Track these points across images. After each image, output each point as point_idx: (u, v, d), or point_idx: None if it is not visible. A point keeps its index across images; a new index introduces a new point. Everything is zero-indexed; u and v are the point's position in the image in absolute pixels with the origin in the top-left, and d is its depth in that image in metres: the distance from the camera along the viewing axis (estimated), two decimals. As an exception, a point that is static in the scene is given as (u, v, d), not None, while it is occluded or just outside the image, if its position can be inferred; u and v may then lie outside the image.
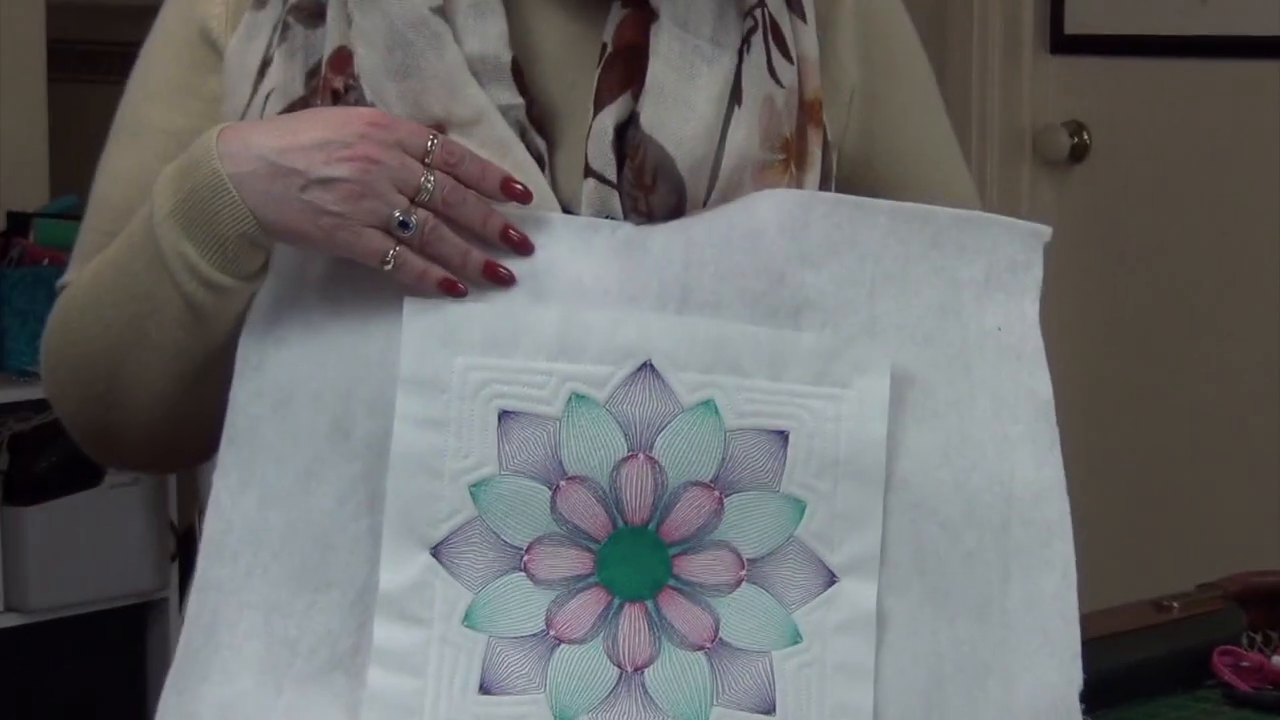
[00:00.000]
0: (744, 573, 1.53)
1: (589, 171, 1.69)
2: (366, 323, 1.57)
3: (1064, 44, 4.32)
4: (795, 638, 1.52)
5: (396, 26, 1.71)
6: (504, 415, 1.53)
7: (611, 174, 1.69)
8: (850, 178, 1.82)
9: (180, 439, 1.80)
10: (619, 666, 1.52)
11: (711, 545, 1.53)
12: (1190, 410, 4.09)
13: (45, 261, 4.13)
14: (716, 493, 1.53)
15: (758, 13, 1.77)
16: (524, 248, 1.57)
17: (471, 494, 1.52)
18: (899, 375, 1.56)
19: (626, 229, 1.62)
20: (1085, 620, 1.96)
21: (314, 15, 1.75)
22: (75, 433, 1.82)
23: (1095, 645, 1.92)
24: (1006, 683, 1.55)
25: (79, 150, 3.36)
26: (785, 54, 1.78)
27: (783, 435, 1.53)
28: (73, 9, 4.48)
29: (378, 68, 1.71)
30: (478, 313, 1.56)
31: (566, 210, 1.69)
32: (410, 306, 1.55)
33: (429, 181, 1.55)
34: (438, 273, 1.57)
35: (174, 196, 1.63)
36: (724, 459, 1.53)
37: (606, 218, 1.69)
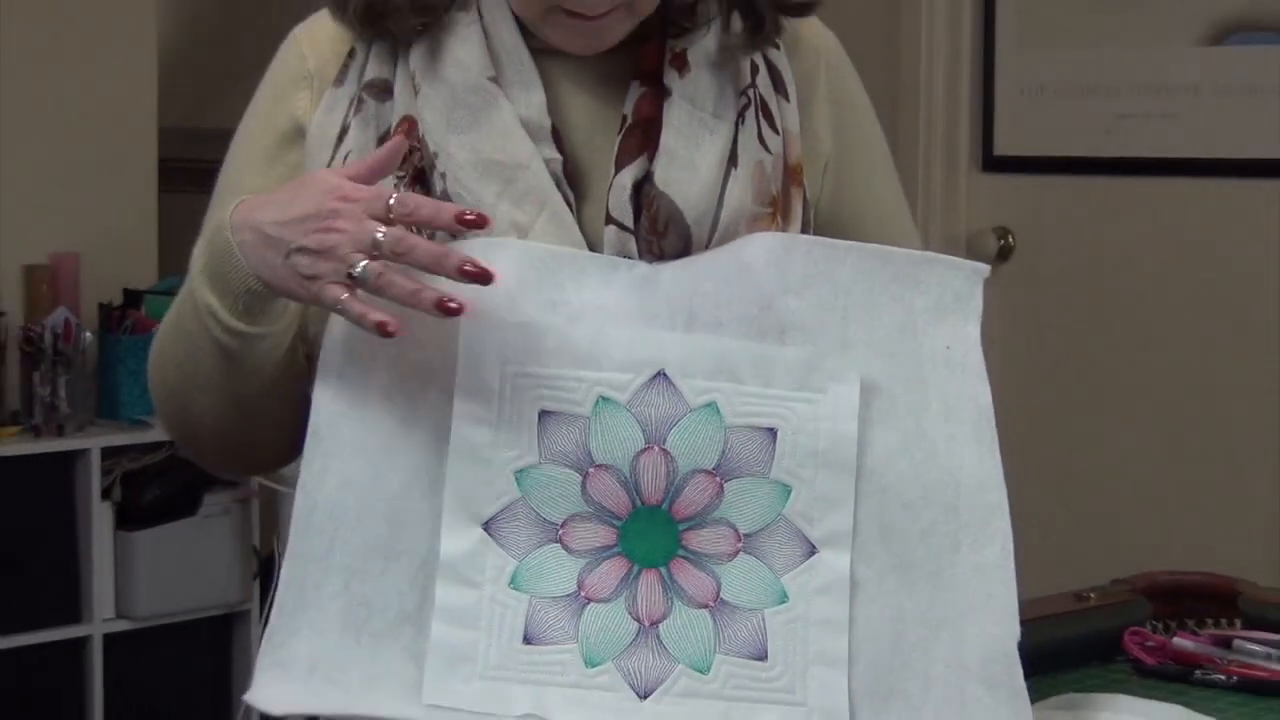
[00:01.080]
0: (740, 545, 1.55)
1: (610, 220, 1.70)
2: (429, 338, 1.57)
3: (993, 163, 4.29)
4: (783, 598, 1.54)
5: (458, 92, 1.73)
6: (543, 414, 1.55)
7: (629, 222, 1.70)
8: (823, 229, 1.81)
9: (244, 452, 1.83)
10: (638, 621, 1.54)
11: (714, 522, 1.55)
12: (1103, 448, 4.07)
13: (154, 330, 4.13)
14: (718, 479, 1.55)
15: (750, 92, 1.78)
16: (483, 278, 1.54)
17: (516, 479, 1.55)
18: (866, 384, 1.58)
19: (643, 266, 1.64)
20: (1032, 606, 1.97)
21: (383, 91, 1.76)
22: (172, 437, 1.87)
23: (1028, 627, 1.92)
24: (957, 634, 1.56)
25: (182, 241, 3.38)
26: (773, 127, 1.79)
27: (772, 432, 1.55)
28: (180, 131, 4.48)
29: (441, 125, 1.72)
30: (523, 330, 1.57)
31: (593, 249, 1.70)
32: (466, 324, 1.56)
33: (382, 236, 1.53)
34: (373, 315, 1.54)
35: (203, 258, 1.65)
36: (724, 451, 1.55)
37: (619, 252, 1.71)
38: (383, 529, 1.57)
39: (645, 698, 1.53)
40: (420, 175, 1.72)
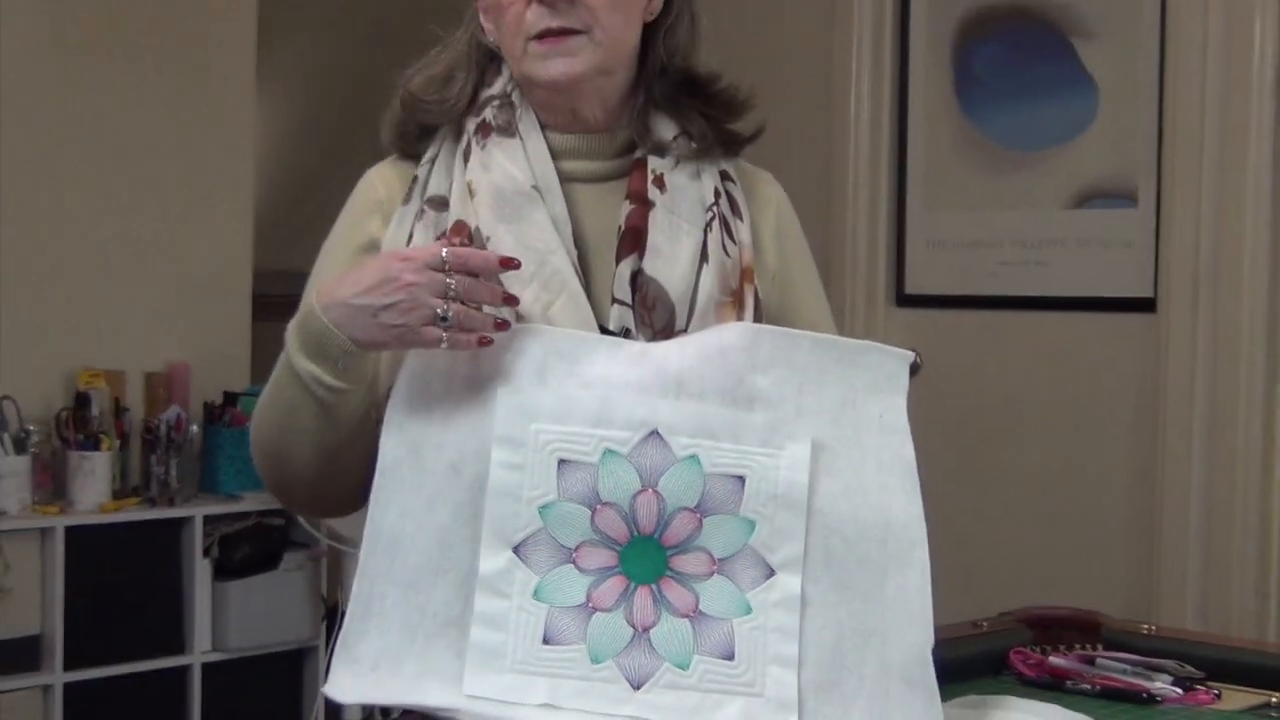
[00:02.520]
0: (715, 567, 1.56)
1: (615, 300, 1.74)
2: (472, 400, 1.61)
3: (905, 300, 4.29)
4: (748, 610, 1.55)
5: (506, 194, 1.78)
6: (561, 462, 1.57)
7: (629, 300, 1.74)
8: (773, 324, 1.81)
9: (327, 495, 1.82)
10: (633, 627, 1.55)
11: (695, 549, 1.56)
12: (992, 516, 4.06)
13: (246, 424, 4.12)
14: (698, 515, 1.56)
15: (714, 208, 1.82)
16: (513, 302, 1.62)
17: (540, 513, 1.56)
18: (816, 443, 1.59)
19: (641, 344, 1.66)
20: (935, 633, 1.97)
21: (441, 204, 1.80)
22: (268, 488, 1.85)
23: (936, 646, 1.94)
24: (884, 642, 1.57)
25: (271, 357, 3.38)
26: (731, 238, 1.83)
27: (741, 479, 1.57)
28: (271, 271, 4.49)
29: (491, 218, 1.76)
30: (547, 396, 1.59)
31: (600, 322, 1.73)
32: (503, 390, 1.59)
33: (452, 284, 1.58)
34: (472, 340, 1.60)
35: (298, 339, 1.67)
36: (704, 493, 1.56)
37: (625, 330, 1.73)
38: (434, 551, 1.58)
39: (638, 689, 1.54)
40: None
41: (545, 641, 1.55)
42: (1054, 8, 4.07)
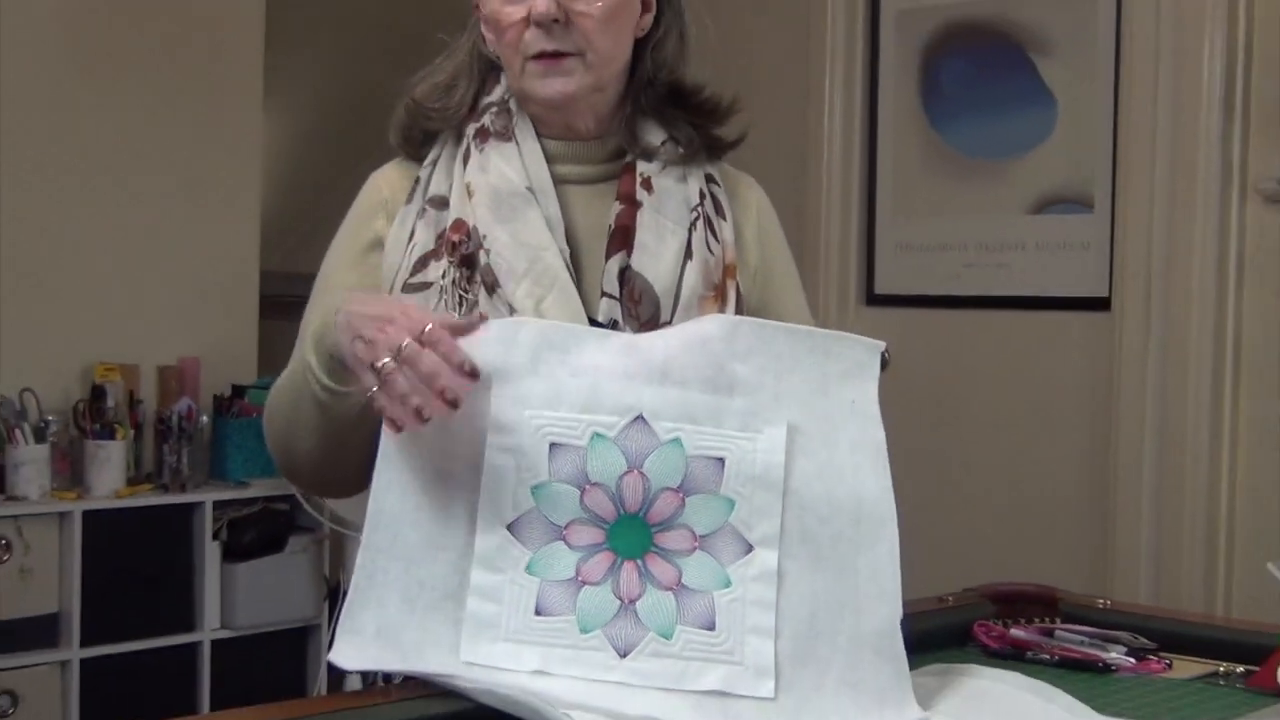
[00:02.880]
0: (697, 543, 1.56)
1: (604, 293, 1.75)
2: (473, 390, 1.57)
3: (875, 300, 4.31)
4: (727, 583, 1.55)
5: (503, 195, 1.78)
6: (552, 445, 1.56)
7: (616, 294, 1.75)
8: (755, 316, 1.84)
9: (332, 478, 1.84)
10: (620, 600, 1.54)
11: (678, 526, 1.56)
12: (958, 499, 4.07)
13: (253, 414, 4.12)
14: (681, 494, 1.56)
15: (699, 209, 1.83)
16: (452, 405, 1.52)
17: (532, 493, 1.56)
18: (791, 427, 1.59)
19: (628, 336, 1.66)
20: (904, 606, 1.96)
21: (441, 204, 1.81)
22: (279, 469, 1.86)
23: (905, 619, 1.93)
24: (857, 613, 1.57)
25: (276, 352, 3.36)
26: (715, 237, 1.84)
27: (721, 460, 1.57)
28: (277, 274, 4.49)
29: (489, 217, 1.77)
30: (539, 383, 1.57)
31: (589, 314, 1.75)
32: (498, 379, 1.57)
33: (407, 347, 1.52)
34: (389, 412, 1.54)
35: (314, 329, 1.68)
36: (686, 474, 1.56)
37: (613, 322, 1.73)
38: (433, 528, 1.57)
39: (624, 657, 1.53)
40: (466, 260, 1.76)
41: (537, 613, 1.54)
42: (1015, 26, 4.08)
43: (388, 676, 1.66)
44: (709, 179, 1.88)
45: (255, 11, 4.37)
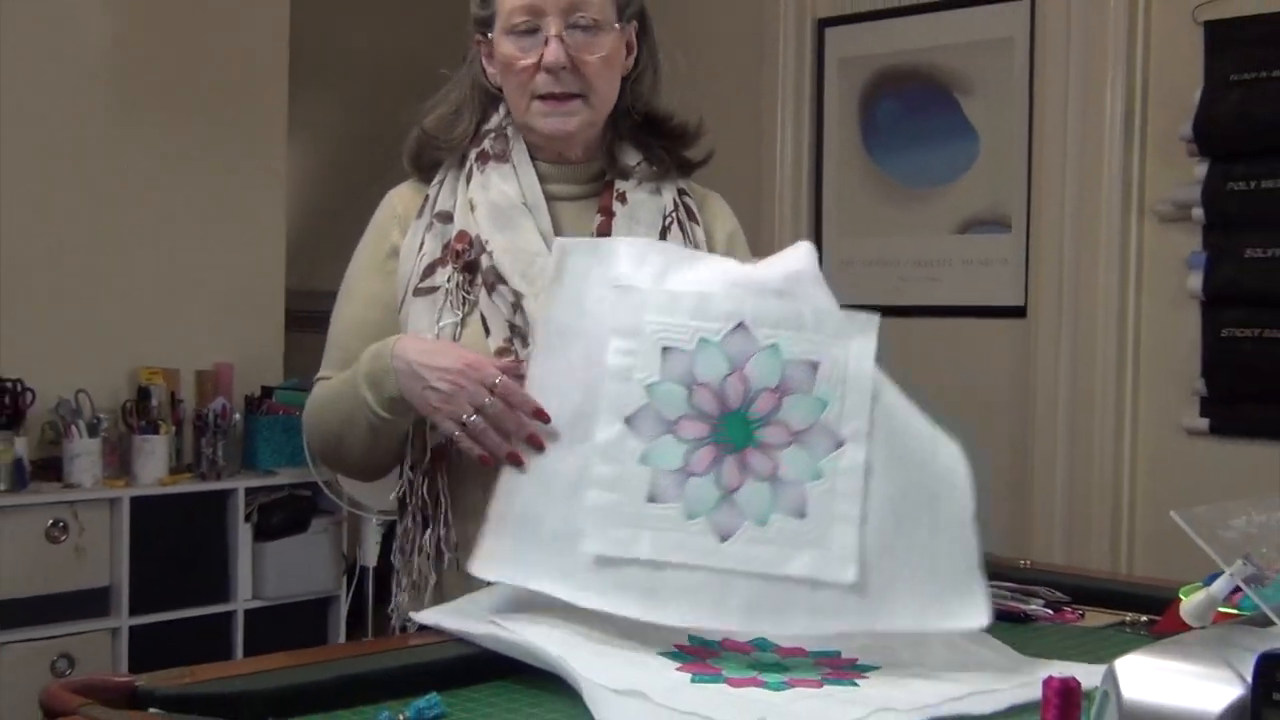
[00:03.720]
0: (792, 438, 1.53)
1: None
2: (602, 295, 1.58)
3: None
4: (819, 475, 1.53)
5: (501, 209, 1.78)
6: (665, 349, 1.54)
7: None
8: None
9: (377, 469, 1.84)
10: (721, 489, 1.52)
11: (775, 422, 1.53)
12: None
13: (280, 412, 4.13)
14: (779, 394, 1.53)
15: (671, 216, 1.85)
16: (536, 442, 1.57)
17: (647, 390, 1.54)
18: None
19: (731, 261, 1.65)
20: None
21: (447, 219, 1.81)
22: (320, 460, 1.86)
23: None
24: (934, 505, 1.56)
25: (299, 359, 3.35)
26: (688, 237, 1.85)
27: (815, 364, 1.54)
28: (300, 291, 4.49)
29: (489, 228, 1.77)
30: (655, 293, 1.57)
31: None
32: (621, 291, 1.57)
33: (489, 404, 1.58)
34: (476, 451, 1.60)
35: (367, 368, 1.69)
36: (783, 375, 1.53)
37: None
38: (568, 423, 1.57)
39: (724, 541, 1.51)
40: (468, 265, 1.76)
41: (649, 500, 1.52)
42: (942, 71, 4.10)
43: (404, 626, 1.65)
44: (680, 192, 1.89)
45: (279, 55, 4.36)
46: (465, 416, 1.59)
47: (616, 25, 1.80)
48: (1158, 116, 3.66)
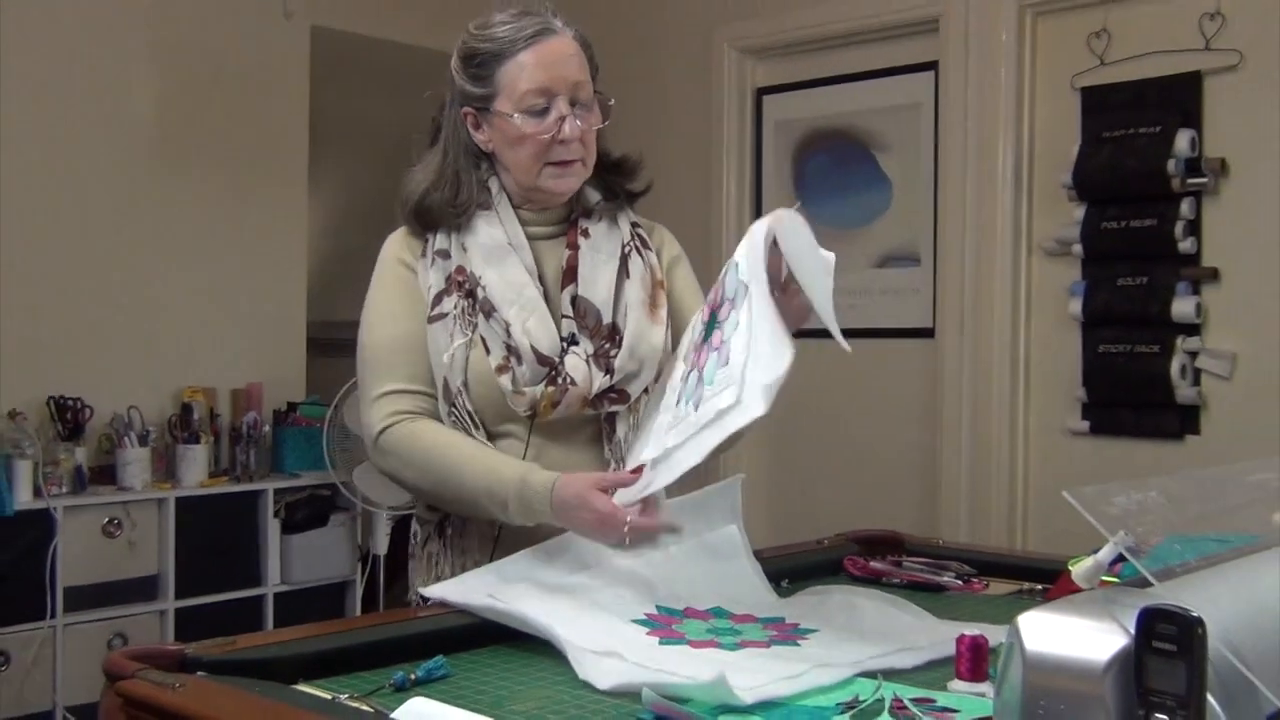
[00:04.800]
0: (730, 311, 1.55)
1: (564, 315, 1.76)
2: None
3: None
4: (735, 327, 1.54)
5: (490, 250, 1.77)
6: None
7: (572, 315, 1.76)
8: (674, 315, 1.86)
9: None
10: (697, 374, 1.55)
11: (728, 311, 1.56)
12: (830, 476, 4.08)
13: (303, 424, 4.09)
14: (732, 304, 1.56)
15: (628, 245, 1.85)
16: (676, 529, 1.62)
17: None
18: None
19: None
20: (789, 549, 1.97)
21: (445, 255, 1.79)
22: (407, 489, 1.79)
23: (792, 557, 1.94)
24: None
25: (320, 379, 3.33)
26: (644, 262, 1.85)
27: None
28: (319, 321, 4.46)
29: (481, 264, 1.76)
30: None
31: (557, 329, 1.75)
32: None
33: (627, 536, 1.55)
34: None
35: (516, 507, 1.65)
36: (736, 290, 1.55)
37: (571, 335, 1.75)
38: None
39: (696, 408, 1.52)
40: (469, 293, 1.75)
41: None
42: (862, 131, 4.12)
43: (424, 600, 1.62)
44: (634, 225, 1.89)
45: (301, 122, 4.35)
46: (616, 544, 1.59)
47: (597, 93, 1.79)
48: (1042, 168, 3.69)
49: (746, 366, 1.46)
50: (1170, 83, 3.41)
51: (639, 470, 1.57)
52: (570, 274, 1.79)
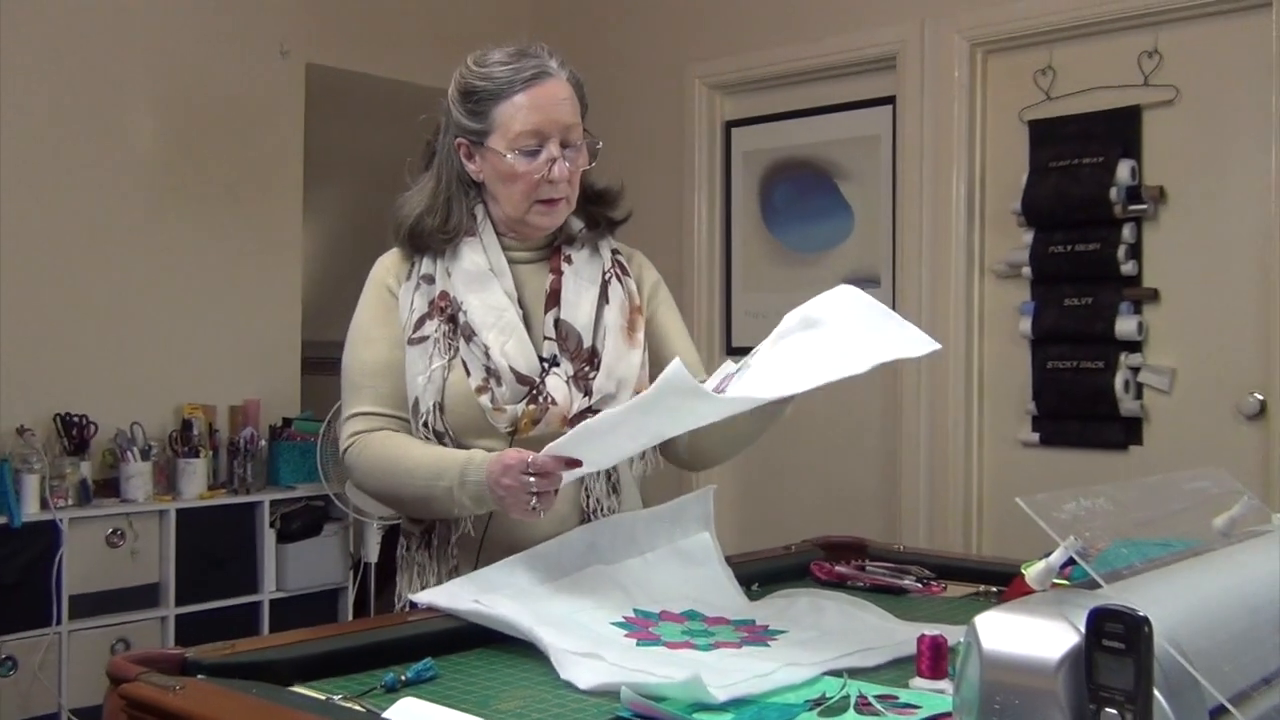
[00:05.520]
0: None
1: (545, 338, 1.75)
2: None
3: (733, 350, 4.31)
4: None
5: (473, 275, 1.76)
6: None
7: (554, 337, 1.74)
8: (651, 340, 1.85)
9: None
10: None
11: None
12: (798, 483, 4.08)
13: (298, 439, 4.06)
14: None
15: (608, 272, 1.83)
16: (575, 465, 1.57)
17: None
18: None
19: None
20: (759, 554, 1.96)
21: (430, 280, 1.78)
22: (367, 493, 1.79)
23: (761, 562, 1.93)
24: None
25: (314, 396, 3.30)
26: (623, 287, 1.83)
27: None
28: (313, 341, 4.43)
29: (463, 289, 1.75)
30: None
31: (537, 352, 1.73)
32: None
33: (534, 483, 1.55)
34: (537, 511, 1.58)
35: (467, 493, 1.64)
36: None
37: (553, 356, 1.73)
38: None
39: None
40: (451, 318, 1.74)
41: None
42: (825, 161, 4.14)
43: (413, 605, 1.62)
44: (614, 252, 1.88)
45: (296, 153, 4.33)
46: (531, 504, 1.57)
47: (586, 133, 1.79)
48: (993, 196, 3.71)
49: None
50: (1111, 116, 3.44)
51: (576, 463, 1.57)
52: (554, 298, 1.79)
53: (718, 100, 4.35)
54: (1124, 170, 3.37)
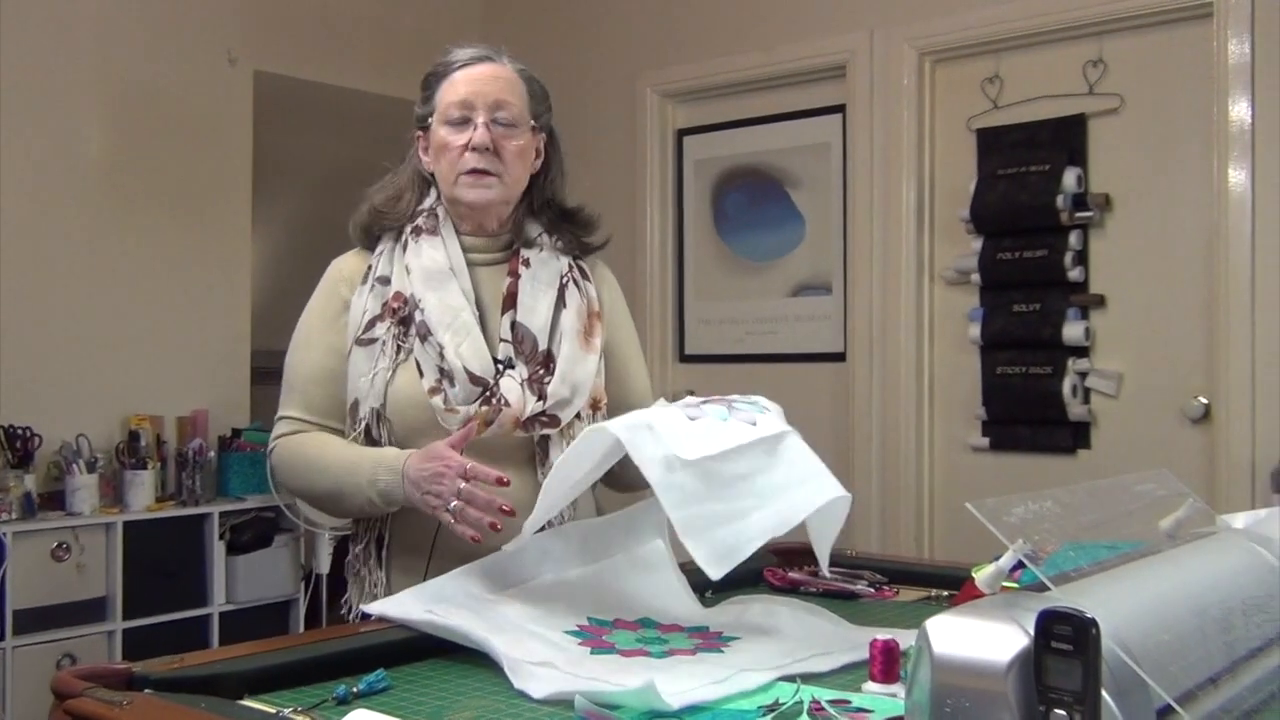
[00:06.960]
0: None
1: (501, 339, 1.75)
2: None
3: (686, 358, 4.33)
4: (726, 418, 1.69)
5: (431, 273, 1.76)
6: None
7: (510, 339, 1.75)
8: (608, 353, 1.87)
9: (332, 515, 1.83)
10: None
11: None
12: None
13: (247, 450, 4.02)
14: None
15: (565, 277, 1.84)
16: (510, 513, 1.59)
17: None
18: None
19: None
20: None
21: (385, 282, 1.79)
22: (289, 492, 1.82)
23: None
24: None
25: (263, 407, 3.27)
26: (581, 293, 1.84)
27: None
28: (263, 351, 4.37)
29: (422, 288, 1.75)
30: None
31: (492, 354, 1.74)
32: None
33: (464, 491, 1.59)
34: (466, 532, 1.60)
35: (379, 488, 1.67)
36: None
37: (508, 358, 1.74)
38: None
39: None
40: (403, 320, 1.74)
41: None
42: (776, 169, 4.16)
43: (364, 616, 1.61)
44: (575, 257, 1.90)
45: (244, 161, 4.29)
46: (449, 506, 1.59)
47: (531, 124, 1.82)
48: (942, 203, 3.75)
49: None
50: (1058, 124, 3.48)
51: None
52: (510, 300, 1.79)
53: (669, 109, 4.36)
54: (1070, 178, 3.41)
